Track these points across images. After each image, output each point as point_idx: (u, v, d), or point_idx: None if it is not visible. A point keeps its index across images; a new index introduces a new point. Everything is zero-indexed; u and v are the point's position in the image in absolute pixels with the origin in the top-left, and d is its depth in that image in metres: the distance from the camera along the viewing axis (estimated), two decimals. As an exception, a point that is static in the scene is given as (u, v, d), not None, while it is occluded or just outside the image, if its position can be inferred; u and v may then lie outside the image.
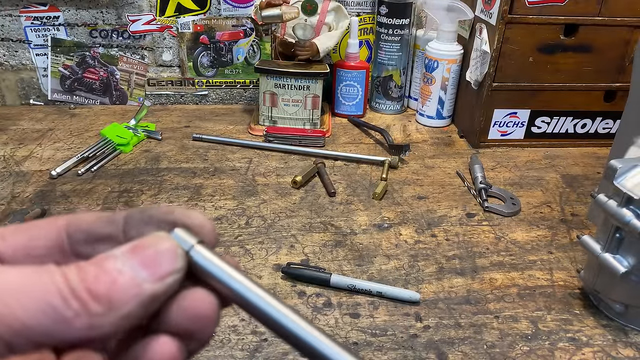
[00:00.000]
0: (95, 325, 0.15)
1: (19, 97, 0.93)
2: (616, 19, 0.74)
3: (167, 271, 0.16)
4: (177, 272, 0.16)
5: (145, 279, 0.16)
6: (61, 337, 0.15)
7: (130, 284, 0.15)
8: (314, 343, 0.18)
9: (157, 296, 0.16)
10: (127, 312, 0.15)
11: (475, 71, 0.80)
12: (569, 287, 0.54)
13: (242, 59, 0.94)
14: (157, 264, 0.16)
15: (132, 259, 0.16)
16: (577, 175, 0.76)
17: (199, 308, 0.17)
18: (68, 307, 0.15)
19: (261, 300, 0.18)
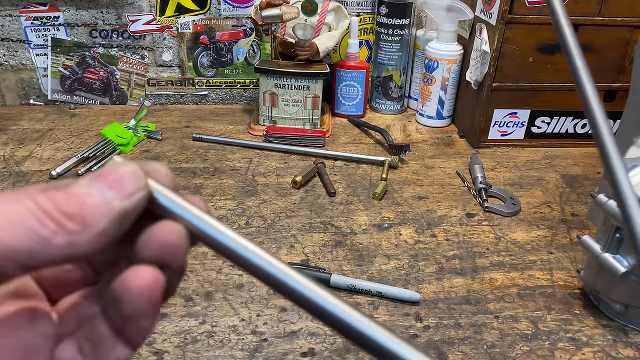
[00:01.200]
0: (74, 242, 0.16)
1: (19, 97, 0.93)
2: (616, 19, 0.74)
3: (133, 189, 0.17)
4: (142, 189, 0.17)
5: (113, 197, 0.17)
6: (45, 257, 0.16)
7: (99, 203, 0.16)
8: (267, 268, 0.18)
9: (127, 212, 0.17)
10: (102, 228, 0.16)
11: (475, 71, 0.80)
12: (569, 287, 0.54)
13: (242, 59, 0.94)
14: (122, 184, 0.17)
15: (97, 183, 0.17)
16: (577, 175, 0.76)
17: (166, 236, 0.18)
18: (44, 226, 0.15)
19: (220, 233, 0.18)
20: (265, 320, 0.48)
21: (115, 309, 0.18)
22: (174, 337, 0.46)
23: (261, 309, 0.49)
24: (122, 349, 0.19)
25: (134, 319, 0.18)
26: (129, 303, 0.17)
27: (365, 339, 0.18)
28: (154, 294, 0.17)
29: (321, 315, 0.18)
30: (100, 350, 0.19)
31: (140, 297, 0.17)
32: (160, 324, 0.47)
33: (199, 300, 0.50)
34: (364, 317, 0.18)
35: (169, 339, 0.46)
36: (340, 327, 0.18)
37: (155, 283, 0.17)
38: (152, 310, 0.18)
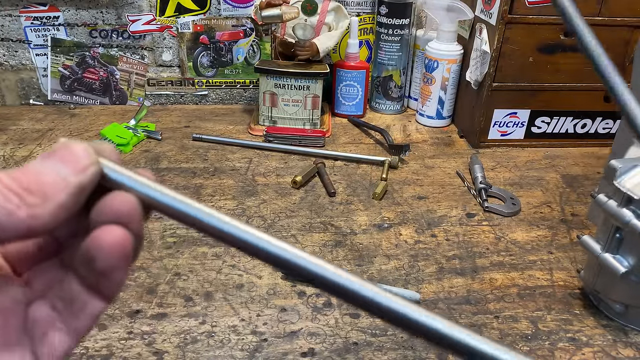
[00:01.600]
0: (36, 214, 0.17)
1: (18, 97, 0.93)
2: (616, 19, 0.74)
3: (86, 164, 0.19)
4: (94, 164, 0.19)
5: (69, 173, 0.18)
6: (11, 229, 0.17)
7: (56, 179, 0.18)
8: (217, 224, 0.20)
9: (83, 186, 0.18)
10: (61, 201, 0.18)
11: (475, 71, 0.80)
12: (569, 287, 0.54)
13: (242, 59, 0.94)
14: (75, 160, 0.18)
15: (52, 161, 0.18)
16: (577, 175, 0.76)
17: (119, 205, 0.19)
18: (8, 201, 0.17)
19: (170, 198, 0.20)
20: (265, 320, 0.48)
21: (87, 267, 0.19)
22: (173, 337, 0.46)
23: (261, 309, 0.49)
24: (96, 302, 0.20)
25: (108, 273, 0.19)
26: (103, 258, 0.19)
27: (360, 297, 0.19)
28: (125, 247, 0.19)
29: (271, 261, 0.20)
30: (74, 306, 0.20)
31: (113, 251, 0.19)
32: (160, 323, 0.47)
33: (199, 300, 0.50)
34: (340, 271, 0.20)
35: (168, 339, 0.46)
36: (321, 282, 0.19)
37: (125, 237, 0.19)
38: (124, 263, 0.19)
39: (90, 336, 0.46)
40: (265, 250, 0.20)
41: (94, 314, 0.20)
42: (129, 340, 0.45)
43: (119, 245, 0.19)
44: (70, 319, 0.20)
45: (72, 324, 0.20)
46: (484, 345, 0.18)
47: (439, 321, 0.19)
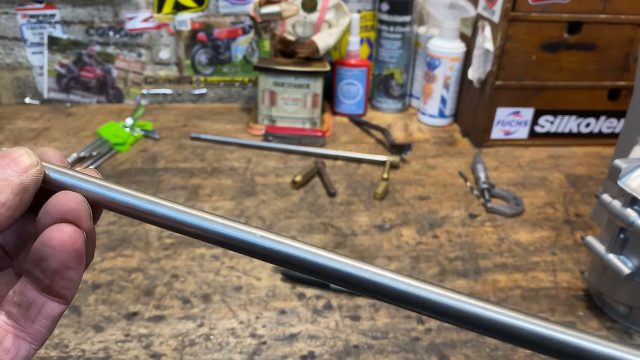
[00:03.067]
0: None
1: (14, 96, 0.92)
2: (620, 17, 0.74)
3: (27, 165, 0.19)
4: (36, 165, 0.20)
5: (11, 174, 0.19)
6: None
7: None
8: (165, 212, 0.20)
9: (25, 186, 0.19)
10: (4, 200, 0.18)
11: (478, 69, 0.79)
12: (572, 288, 0.53)
13: (240, 57, 0.93)
14: (17, 163, 0.19)
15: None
16: (581, 175, 0.75)
17: (65, 203, 0.19)
18: None
19: (116, 193, 0.20)
20: (264, 323, 0.47)
21: (40, 268, 0.19)
22: (171, 340, 0.45)
23: (260, 312, 0.49)
24: (53, 305, 0.20)
25: (62, 272, 0.19)
26: (54, 257, 0.19)
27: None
28: (75, 243, 0.19)
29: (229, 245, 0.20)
30: (31, 311, 0.20)
31: (64, 249, 0.19)
32: (158, 326, 0.47)
33: (197, 302, 0.49)
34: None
35: (166, 341, 0.45)
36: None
37: (76, 233, 0.19)
38: (77, 261, 0.19)
39: (87, 338, 0.45)
40: (219, 234, 0.20)
41: (52, 317, 0.20)
42: (126, 343, 0.45)
43: (69, 242, 0.19)
44: (28, 325, 0.20)
45: (30, 329, 0.20)
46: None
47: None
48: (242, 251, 0.20)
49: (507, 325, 0.18)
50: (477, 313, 0.18)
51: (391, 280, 0.19)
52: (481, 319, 0.18)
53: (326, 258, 0.20)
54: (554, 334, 0.17)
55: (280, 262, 0.20)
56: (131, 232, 0.59)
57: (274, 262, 0.20)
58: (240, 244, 0.20)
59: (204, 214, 0.20)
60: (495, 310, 0.18)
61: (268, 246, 0.20)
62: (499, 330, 0.18)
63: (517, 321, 0.18)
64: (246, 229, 0.20)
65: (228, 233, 0.20)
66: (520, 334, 0.18)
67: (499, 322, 0.18)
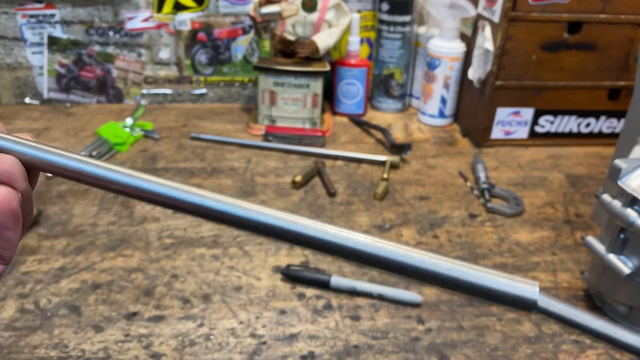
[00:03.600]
0: None
1: (14, 96, 0.92)
2: (620, 17, 0.74)
3: None
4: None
5: None
6: None
7: None
8: (97, 171, 0.21)
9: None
10: None
11: (478, 69, 0.79)
12: (572, 288, 0.53)
13: (240, 56, 0.93)
14: None
15: None
16: (581, 175, 0.75)
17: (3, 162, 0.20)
18: None
19: (48, 154, 0.21)
20: (264, 323, 0.47)
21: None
22: (171, 340, 0.45)
23: (260, 312, 0.49)
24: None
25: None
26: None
27: None
28: (11, 203, 0.19)
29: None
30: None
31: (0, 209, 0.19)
32: (158, 326, 0.47)
33: (197, 302, 0.49)
34: None
35: (166, 341, 0.45)
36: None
37: (11, 194, 0.19)
38: (13, 221, 0.20)
39: (87, 338, 0.45)
40: (147, 190, 0.21)
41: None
42: (125, 343, 0.45)
43: (4, 202, 0.19)
44: None
45: None
46: None
47: None
48: (160, 204, 0.21)
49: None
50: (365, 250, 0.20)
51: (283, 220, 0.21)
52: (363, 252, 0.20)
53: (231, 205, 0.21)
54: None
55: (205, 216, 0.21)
56: (131, 232, 0.59)
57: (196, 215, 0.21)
58: (153, 196, 0.20)
59: (129, 172, 0.21)
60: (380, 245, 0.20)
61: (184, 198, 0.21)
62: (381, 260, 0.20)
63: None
64: (164, 181, 0.21)
65: (146, 187, 0.21)
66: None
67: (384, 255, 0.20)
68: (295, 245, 0.20)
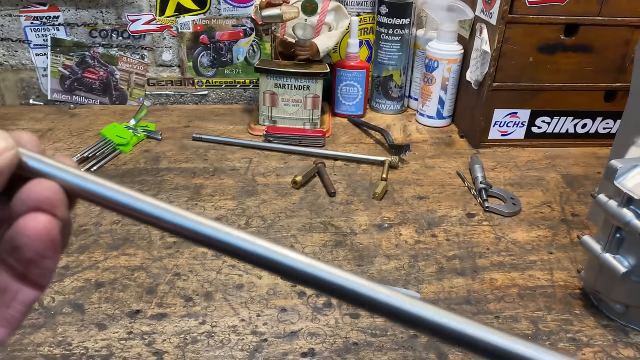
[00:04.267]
0: None
1: (18, 97, 0.93)
2: (616, 19, 0.74)
3: (1, 148, 0.18)
4: (11, 149, 0.19)
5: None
6: None
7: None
8: (143, 207, 0.20)
9: (0, 169, 0.18)
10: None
11: (476, 71, 0.80)
12: (569, 287, 0.54)
13: (242, 58, 0.94)
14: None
15: None
16: (577, 175, 0.76)
17: (40, 192, 0.19)
18: None
19: (92, 184, 0.20)
20: (265, 321, 0.48)
21: (15, 256, 0.19)
22: (173, 337, 0.46)
23: (261, 309, 0.49)
24: (28, 291, 0.20)
25: (37, 261, 0.19)
26: (29, 246, 0.18)
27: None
28: (51, 233, 0.18)
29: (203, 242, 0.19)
30: (5, 296, 0.19)
31: (39, 239, 0.18)
32: (160, 323, 0.47)
33: (199, 300, 0.50)
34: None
35: (168, 339, 0.46)
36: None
37: (51, 223, 0.18)
38: (52, 250, 0.19)
39: (90, 336, 0.46)
40: (198, 232, 0.19)
41: (26, 303, 0.20)
42: (128, 341, 0.45)
43: (44, 232, 0.18)
44: (1, 310, 0.19)
45: (4, 314, 0.20)
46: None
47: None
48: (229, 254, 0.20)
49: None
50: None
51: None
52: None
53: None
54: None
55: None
56: (134, 231, 0.59)
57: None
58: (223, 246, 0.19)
59: (182, 212, 0.20)
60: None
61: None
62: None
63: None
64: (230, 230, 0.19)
65: (204, 232, 0.19)
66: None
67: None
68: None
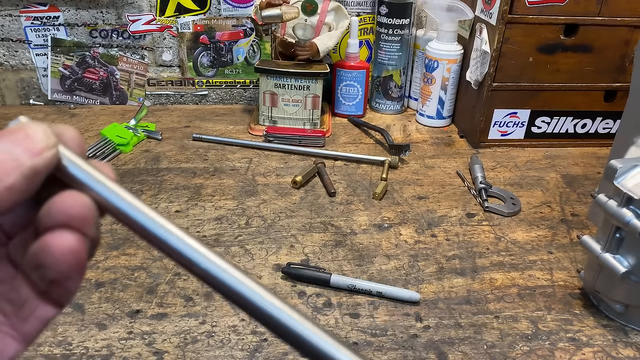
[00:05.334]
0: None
1: (18, 97, 0.93)
2: (616, 19, 0.74)
3: (41, 147, 0.17)
4: (51, 149, 0.17)
5: (22, 153, 0.16)
6: None
7: (7, 159, 0.16)
8: (176, 244, 0.18)
9: (37, 170, 0.17)
10: (11, 183, 0.16)
11: (476, 71, 0.80)
12: (569, 287, 0.54)
13: (242, 58, 0.94)
14: (31, 141, 0.17)
15: (4, 140, 0.17)
16: (577, 175, 0.76)
17: (71, 207, 0.17)
18: None
19: (129, 206, 0.18)
20: (265, 320, 0.48)
21: (38, 274, 0.18)
22: (174, 337, 0.46)
23: (261, 309, 0.49)
24: (47, 308, 0.19)
25: (60, 282, 0.18)
26: (54, 267, 0.17)
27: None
28: (78, 255, 0.17)
29: (235, 300, 0.18)
30: (23, 310, 0.19)
31: (64, 260, 0.17)
32: (160, 323, 0.47)
33: (199, 300, 0.50)
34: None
35: (168, 339, 0.46)
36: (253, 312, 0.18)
37: (78, 244, 0.17)
38: (77, 271, 0.18)
39: (90, 336, 0.46)
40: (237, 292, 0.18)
41: (44, 320, 0.19)
42: (129, 340, 0.45)
43: (71, 253, 0.17)
44: (18, 323, 0.19)
45: (21, 328, 0.19)
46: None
47: None
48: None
49: None
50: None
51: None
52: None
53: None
54: None
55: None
56: (134, 231, 0.59)
57: None
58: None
59: (217, 259, 0.18)
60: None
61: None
62: None
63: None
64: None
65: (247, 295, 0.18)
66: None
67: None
68: None
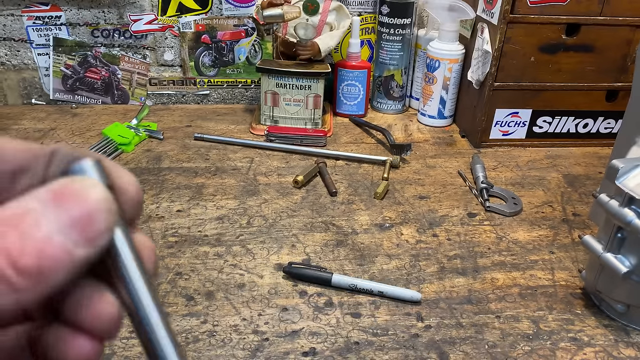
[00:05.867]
0: (21, 300, 0.13)
1: (20, 97, 0.93)
2: (618, 19, 0.74)
3: (101, 230, 0.14)
4: (110, 230, 0.14)
5: (77, 242, 0.13)
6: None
7: (60, 251, 0.13)
8: None
9: (88, 261, 0.14)
10: (56, 282, 0.13)
11: (477, 71, 0.80)
12: (570, 287, 0.54)
13: (243, 58, 0.94)
14: (90, 221, 0.13)
15: (57, 215, 0.13)
16: (578, 175, 0.76)
17: (100, 312, 0.15)
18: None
19: (146, 311, 0.16)
20: (267, 320, 0.48)
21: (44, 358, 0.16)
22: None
23: (262, 309, 0.49)
24: None
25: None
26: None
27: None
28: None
29: None
30: None
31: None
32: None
33: (201, 299, 0.50)
34: None
35: (170, 338, 0.46)
36: None
37: (97, 351, 0.16)
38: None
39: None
40: None
41: None
42: (130, 340, 0.46)
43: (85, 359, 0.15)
44: None
45: None
46: None
47: None
48: None
49: None
50: None
51: None
52: None
53: None
54: None
55: None
56: (136, 230, 0.59)
57: None
58: None
59: None
60: None
61: None
62: None
63: None
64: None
65: None
66: None
67: None
68: None
